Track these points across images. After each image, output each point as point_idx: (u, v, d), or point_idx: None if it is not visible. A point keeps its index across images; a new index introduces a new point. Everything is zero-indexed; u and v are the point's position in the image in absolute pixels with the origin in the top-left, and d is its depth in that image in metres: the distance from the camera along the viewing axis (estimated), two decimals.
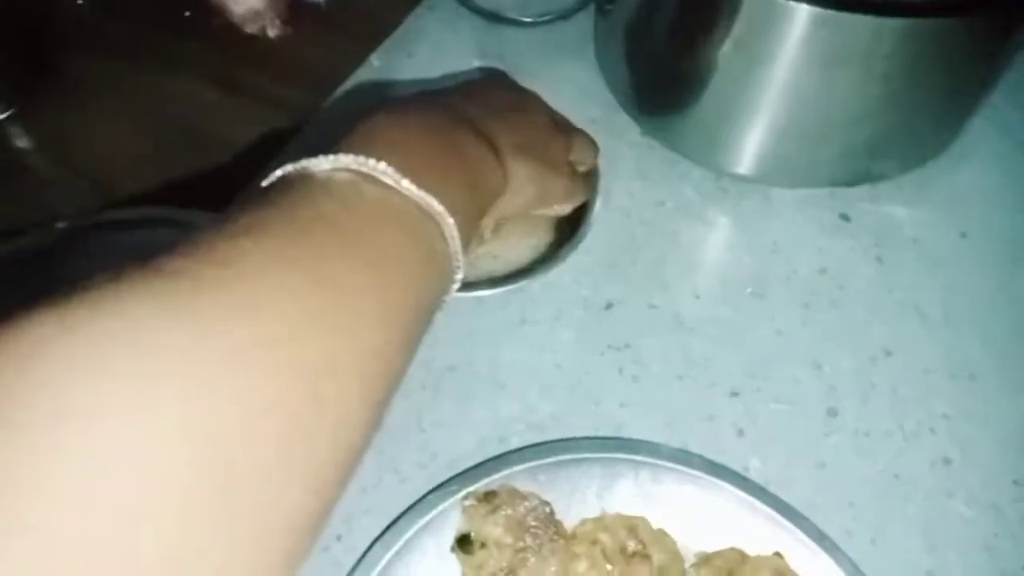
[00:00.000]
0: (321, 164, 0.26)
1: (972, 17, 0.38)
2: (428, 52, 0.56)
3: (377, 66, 0.56)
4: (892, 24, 0.37)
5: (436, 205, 0.26)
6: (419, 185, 0.26)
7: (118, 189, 0.49)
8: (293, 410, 0.20)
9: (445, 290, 0.29)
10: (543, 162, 0.37)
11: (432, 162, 0.28)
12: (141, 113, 0.54)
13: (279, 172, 0.26)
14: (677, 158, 0.49)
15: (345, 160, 0.25)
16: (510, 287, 0.42)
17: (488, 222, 0.35)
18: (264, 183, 0.26)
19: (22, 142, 0.53)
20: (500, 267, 0.44)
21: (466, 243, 0.29)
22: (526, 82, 0.53)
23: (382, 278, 0.24)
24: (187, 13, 0.58)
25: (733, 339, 0.42)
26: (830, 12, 0.38)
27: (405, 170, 0.26)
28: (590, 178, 0.45)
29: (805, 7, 0.37)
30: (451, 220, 0.27)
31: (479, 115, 0.34)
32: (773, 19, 0.39)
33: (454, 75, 0.54)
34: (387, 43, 0.57)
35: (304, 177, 0.25)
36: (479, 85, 0.39)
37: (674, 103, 0.48)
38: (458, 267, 0.28)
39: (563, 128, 0.42)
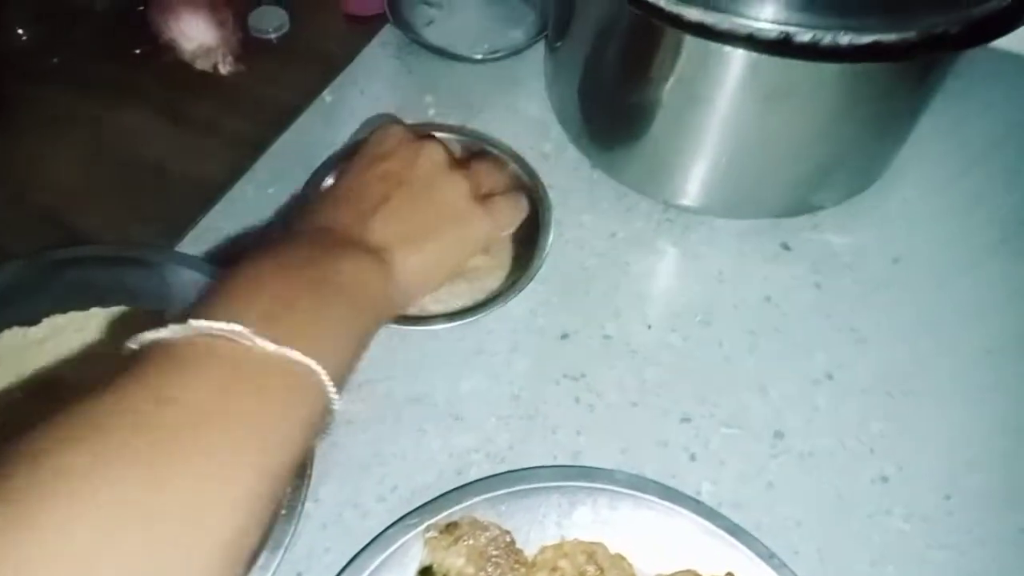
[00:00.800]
0: (176, 333, 0.27)
1: (895, 62, 0.40)
2: (380, 88, 0.57)
3: (330, 101, 0.56)
4: (821, 68, 0.39)
5: (298, 357, 0.27)
6: (280, 338, 0.27)
7: (69, 223, 0.49)
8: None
9: (322, 418, 0.29)
10: (439, 235, 0.37)
11: (293, 308, 0.29)
12: (92, 148, 0.54)
13: (136, 343, 0.27)
14: (626, 190, 0.51)
15: (198, 326, 0.26)
16: (466, 320, 0.43)
17: (414, 309, 0.37)
18: (129, 345, 0.28)
19: None
20: (467, 300, 0.45)
21: (346, 375, 0.31)
22: (479, 117, 0.54)
23: (239, 438, 0.25)
24: (137, 50, 0.58)
25: (684, 366, 0.44)
26: (763, 56, 0.40)
27: (264, 324, 0.27)
28: (516, 197, 0.45)
29: (740, 52, 0.39)
30: (316, 368, 0.28)
31: (354, 224, 0.35)
32: (711, 61, 0.41)
33: (405, 110, 0.55)
34: (339, 79, 0.58)
35: (163, 347, 0.27)
36: (354, 172, 0.39)
37: (622, 138, 0.50)
38: (334, 400, 0.29)
39: (460, 163, 0.41)
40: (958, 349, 0.45)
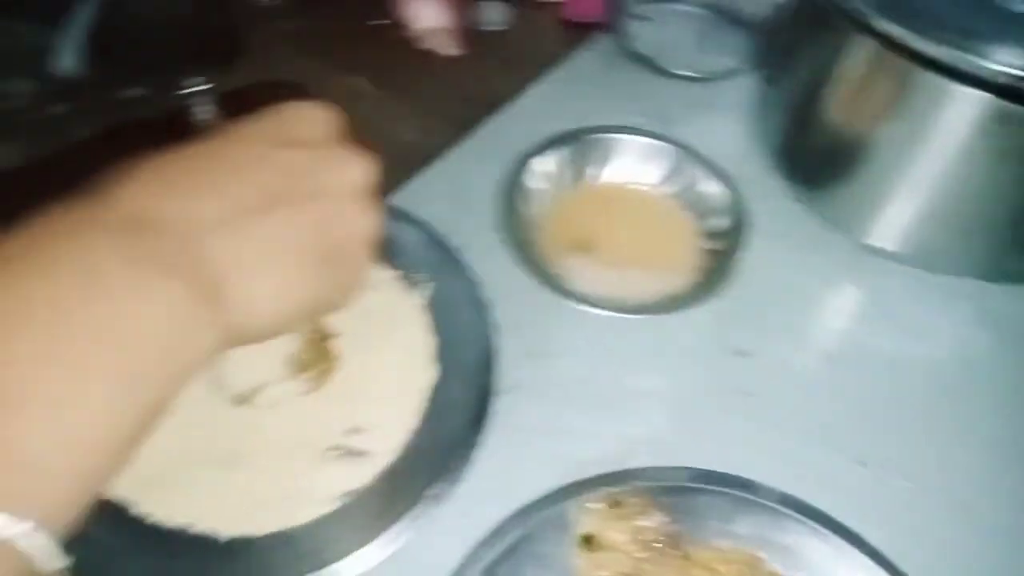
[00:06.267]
0: None
1: None
2: (585, 89, 0.60)
3: (538, 96, 0.59)
4: None
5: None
6: None
7: None
8: None
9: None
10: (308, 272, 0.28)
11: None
12: None
13: None
14: (822, 224, 0.51)
15: None
16: (651, 316, 0.44)
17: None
18: None
19: (209, 114, 0.57)
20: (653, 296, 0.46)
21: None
22: (679, 131, 0.55)
23: None
24: (372, 23, 0.63)
25: (863, 408, 0.43)
26: (1004, 103, 0.39)
27: None
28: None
29: (976, 96, 0.38)
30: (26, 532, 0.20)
31: (196, 228, 0.25)
32: (945, 103, 0.41)
33: (608, 112, 0.57)
34: (550, 76, 0.60)
35: None
36: (241, 142, 0.29)
37: (828, 173, 0.50)
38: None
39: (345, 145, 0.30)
40: None
